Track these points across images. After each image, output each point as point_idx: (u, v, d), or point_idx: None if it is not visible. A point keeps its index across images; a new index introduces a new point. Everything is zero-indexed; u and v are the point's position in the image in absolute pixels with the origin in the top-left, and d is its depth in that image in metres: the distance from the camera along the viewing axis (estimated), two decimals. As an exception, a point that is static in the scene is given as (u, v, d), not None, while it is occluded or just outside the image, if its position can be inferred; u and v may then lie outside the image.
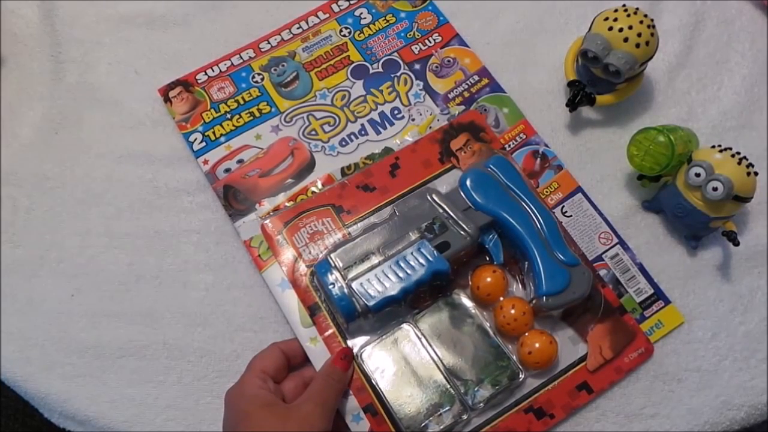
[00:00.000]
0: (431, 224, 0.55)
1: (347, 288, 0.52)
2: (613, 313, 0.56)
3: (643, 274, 0.57)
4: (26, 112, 0.66)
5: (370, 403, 0.52)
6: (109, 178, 0.63)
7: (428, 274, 0.52)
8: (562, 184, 0.61)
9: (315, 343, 0.54)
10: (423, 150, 0.61)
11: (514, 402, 0.53)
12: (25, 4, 0.70)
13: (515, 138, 0.62)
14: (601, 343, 0.54)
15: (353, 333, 0.54)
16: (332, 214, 0.58)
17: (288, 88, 0.65)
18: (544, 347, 0.52)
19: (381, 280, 0.52)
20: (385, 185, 0.60)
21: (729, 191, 0.53)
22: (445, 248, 0.54)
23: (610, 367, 0.54)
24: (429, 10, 0.69)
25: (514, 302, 0.54)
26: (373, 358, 0.53)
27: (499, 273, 0.55)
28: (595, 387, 0.54)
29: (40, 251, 0.60)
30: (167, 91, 0.65)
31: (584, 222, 0.59)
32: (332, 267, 0.54)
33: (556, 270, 0.54)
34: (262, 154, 0.62)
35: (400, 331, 0.54)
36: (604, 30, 0.58)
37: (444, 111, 0.64)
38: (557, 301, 0.53)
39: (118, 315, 0.58)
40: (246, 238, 0.59)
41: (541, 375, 0.53)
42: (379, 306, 0.52)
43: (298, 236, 0.58)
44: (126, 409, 0.55)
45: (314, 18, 0.68)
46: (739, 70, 0.67)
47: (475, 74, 0.65)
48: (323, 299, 0.55)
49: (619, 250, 0.58)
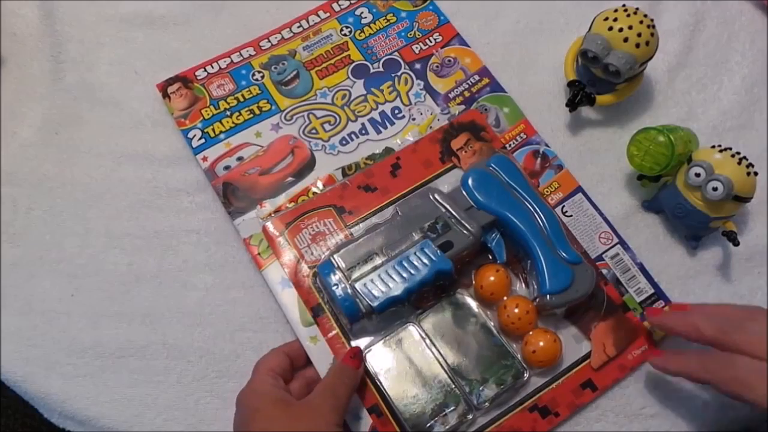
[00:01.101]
0: (434, 224, 0.55)
1: (351, 289, 0.52)
2: (616, 310, 0.56)
3: (644, 274, 0.57)
4: (26, 112, 0.66)
5: (375, 404, 0.52)
6: (109, 178, 0.63)
7: (431, 273, 0.52)
8: (563, 183, 0.61)
9: (315, 342, 0.54)
10: (424, 150, 0.61)
11: (518, 401, 0.53)
12: (25, 4, 0.70)
13: (516, 138, 0.62)
14: (604, 340, 0.55)
15: (357, 334, 0.54)
16: (334, 215, 0.58)
17: (288, 86, 0.65)
18: (548, 346, 0.52)
19: (384, 280, 0.52)
20: (386, 185, 0.60)
21: (729, 191, 0.53)
22: (448, 248, 0.54)
23: (614, 364, 0.54)
24: (430, 10, 0.69)
25: (517, 301, 0.54)
26: (378, 359, 0.53)
27: (503, 272, 0.55)
28: (599, 384, 0.54)
29: (40, 251, 0.60)
30: (166, 87, 0.65)
31: (584, 222, 0.59)
32: (335, 268, 0.53)
33: (558, 268, 0.54)
34: (262, 152, 0.62)
35: (404, 332, 0.54)
36: (604, 30, 0.58)
37: (444, 111, 0.64)
38: (561, 299, 0.53)
39: (118, 315, 0.58)
40: (245, 236, 0.59)
41: (546, 373, 0.54)
42: (383, 306, 0.52)
43: (300, 237, 0.57)
44: (126, 409, 0.55)
45: (315, 17, 0.69)
46: (739, 70, 0.67)
47: (475, 74, 0.65)
48: (326, 300, 0.55)
49: (620, 250, 0.58)
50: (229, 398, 0.55)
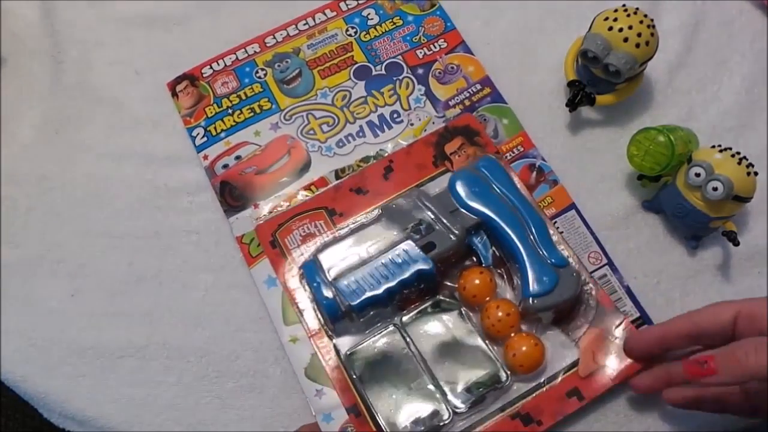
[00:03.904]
0: (417, 225, 0.55)
1: (332, 287, 0.53)
2: (607, 317, 0.54)
3: (630, 297, 0.56)
4: (26, 112, 0.66)
5: (354, 404, 0.52)
6: (109, 178, 0.63)
7: (413, 274, 0.52)
8: (556, 199, 0.60)
9: (295, 341, 0.55)
10: (417, 153, 0.61)
11: (500, 407, 0.51)
12: (25, 4, 0.70)
13: (512, 150, 0.62)
14: (594, 348, 0.53)
15: (339, 333, 0.54)
16: (325, 217, 0.58)
17: (290, 85, 0.65)
18: (529, 350, 0.51)
19: (366, 279, 0.52)
20: (378, 188, 0.59)
21: (729, 191, 0.53)
22: (431, 248, 0.53)
23: (603, 373, 0.52)
24: (437, 15, 0.68)
25: (499, 303, 0.53)
26: (358, 360, 0.53)
27: (486, 274, 0.54)
28: (587, 394, 0.52)
29: (40, 251, 0.60)
30: (175, 86, 0.65)
31: (575, 240, 0.58)
32: (318, 267, 0.54)
33: (543, 271, 0.53)
34: (260, 151, 0.62)
35: (387, 333, 0.54)
36: (604, 30, 0.58)
37: (440, 115, 0.63)
38: (544, 302, 0.52)
39: (118, 315, 0.58)
40: (238, 234, 0.59)
41: (530, 380, 0.52)
42: (363, 305, 0.52)
43: (290, 238, 0.58)
44: (126, 409, 0.55)
45: (321, 15, 0.68)
46: (739, 70, 0.67)
47: (477, 83, 0.65)
48: (311, 299, 0.55)
49: (608, 271, 0.57)
50: (229, 398, 0.55)
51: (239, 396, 0.55)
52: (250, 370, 0.56)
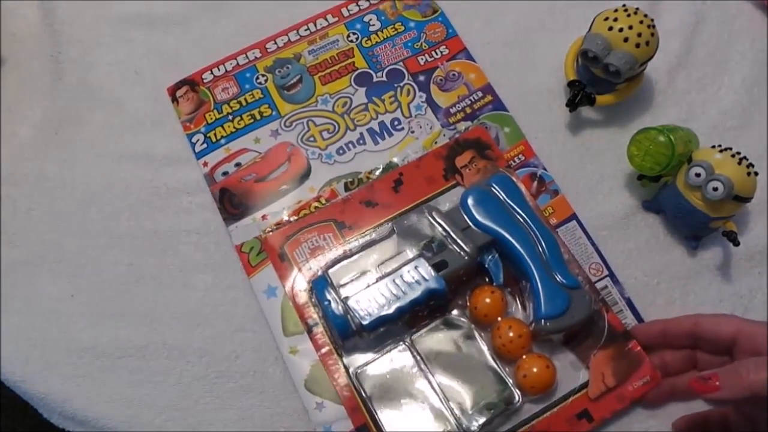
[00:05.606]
0: (429, 242, 0.54)
1: (343, 305, 0.52)
2: (618, 339, 0.54)
3: (630, 309, 0.56)
4: (26, 112, 0.66)
5: (364, 424, 0.51)
6: (109, 178, 0.63)
7: (424, 293, 0.51)
8: (557, 209, 0.60)
9: (295, 353, 0.54)
10: (427, 166, 0.60)
11: (511, 428, 0.51)
12: (25, 4, 0.70)
13: (514, 159, 0.61)
14: (603, 370, 0.52)
15: (349, 351, 0.54)
16: (333, 230, 0.58)
17: (291, 91, 0.65)
18: (540, 371, 0.51)
19: (377, 298, 0.51)
20: (388, 201, 0.59)
21: (729, 191, 0.53)
22: (443, 267, 0.53)
23: (613, 395, 0.52)
24: (439, 21, 0.67)
25: (511, 323, 0.52)
26: (368, 378, 0.52)
27: (498, 294, 0.54)
28: (596, 415, 0.52)
29: (40, 251, 0.60)
30: (175, 91, 0.65)
31: (576, 251, 0.58)
32: (329, 283, 0.53)
33: (555, 292, 0.52)
34: (260, 159, 0.62)
35: (397, 351, 0.53)
36: (604, 30, 0.58)
37: (449, 127, 0.63)
38: (556, 324, 0.52)
39: (118, 315, 0.58)
40: (238, 242, 0.58)
41: (540, 401, 0.52)
42: (374, 325, 0.51)
43: (299, 251, 0.57)
44: (126, 409, 0.55)
45: (323, 21, 0.68)
46: (739, 70, 0.67)
47: (479, 90, 0.64)
48: (320, 315, 0.55)
49: (609, 283, 0.57)
50: (229, 398, 0.55)
51: (239, 396, 0.55)
52: (250, 370, 0.56)
